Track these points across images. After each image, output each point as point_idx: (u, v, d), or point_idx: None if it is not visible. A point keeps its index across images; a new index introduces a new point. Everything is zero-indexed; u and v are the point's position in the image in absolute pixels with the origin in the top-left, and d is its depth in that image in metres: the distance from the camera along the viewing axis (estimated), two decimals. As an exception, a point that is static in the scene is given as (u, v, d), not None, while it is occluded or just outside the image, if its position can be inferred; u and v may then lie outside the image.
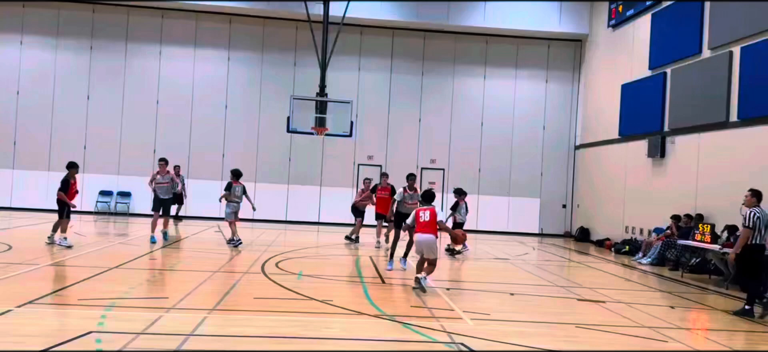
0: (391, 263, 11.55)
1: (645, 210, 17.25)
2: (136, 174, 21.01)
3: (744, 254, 8.88)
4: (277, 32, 21.95)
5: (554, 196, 22.56)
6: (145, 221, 19.52)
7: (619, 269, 14.18)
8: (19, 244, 12.57)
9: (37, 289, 7.93)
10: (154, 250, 12.75)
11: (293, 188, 21.76)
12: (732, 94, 13.90)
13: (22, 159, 21.00)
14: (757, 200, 9.02)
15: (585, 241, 20.66)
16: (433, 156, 22.33)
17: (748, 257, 8.89)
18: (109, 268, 9.93)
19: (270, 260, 11.84)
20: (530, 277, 12.13)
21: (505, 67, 22.63)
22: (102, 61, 21.42)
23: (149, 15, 21.53)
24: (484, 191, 22.17)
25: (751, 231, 8.75)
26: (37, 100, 21.13)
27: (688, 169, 15.32)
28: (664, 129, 16.61)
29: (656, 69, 17.17)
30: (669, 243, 14.46)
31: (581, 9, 21.81)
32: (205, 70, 21.80)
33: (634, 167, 18.02)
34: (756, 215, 8.79)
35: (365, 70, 22.26)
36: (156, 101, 21.55)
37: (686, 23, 15.78)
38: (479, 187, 22.16)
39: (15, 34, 21.16)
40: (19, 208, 20.48)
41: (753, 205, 8.98)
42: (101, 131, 21.26)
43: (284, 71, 21.90)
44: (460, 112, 22.48)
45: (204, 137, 21.59)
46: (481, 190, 22.14)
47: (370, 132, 21.91)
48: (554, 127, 22.69)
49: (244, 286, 9.20)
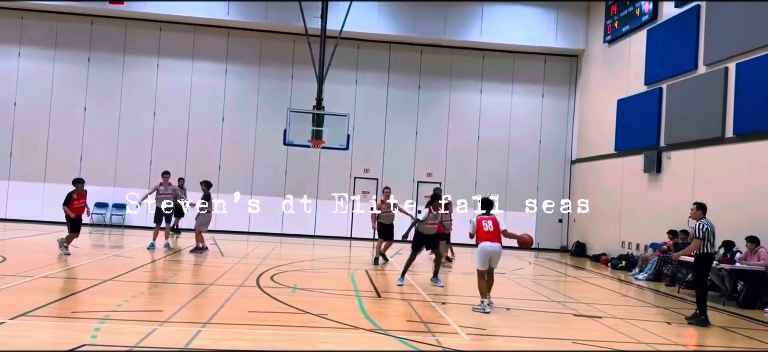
0: (402, 279, 11.48)
1: (641, 225, 17.26)
2: (131, 186, 20.94)
3: (697, 262, 9.51)
4: (274, 45, 22.02)
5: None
6: (140, 233, 19.46)
7: (616, 284, 14.15)
8: (13, 255, 12.51)
9: (31, 301, 7.88)
10: (148, 262, 12.67)
11: (289, 201, 21.71)
12: (728, 109, 13.96)
13: (17, 170, 20.94)
14: (702, 213, 9.69)
15: (581, 256, 20.64)
16: (430, 169, 22.34)
17: (701, 265, 9.51)
18: (103, 280, 9.87)
19: (265, 273, 11.80)
20: (526, 291, 12.10)
21: (501, 82, 22.72)
22: (99, 72, 21.43)
23: (147, 27, 21.58)
24: (481, 204, 22.11)
25: (700, 241, 9.38)
26: (34, 111, 21.11)
27: (684, 185, 15.35)
28: (660, 144, 16.66)
29: (652, 84, 17.25)
30: (665, 258, 14.46)
31: (577, 25, 21.94)
32: (202, 83, 21.82)
33: (631, 182, 18.05)
34: (704, 226, 9.44)
35: (362, 83, 22.32)
36: (153, 113, 21.55)
37: (682, 39, 15.88)
38: (475, 201, 22.11)
39: (13, 46, 21.17)
40: (15, 219, 20.39)
41: (699, 217, 9.65)
42: (97, 143, 21.23)
43: (281, 84, 21.94)
44: (456, 125, 22.53)
45: (200, 149, 21.57)
46: (477, 204, 22.07)
47: (367, 145, 21.92)
48: (551, 141, 22.74)
49: (238, 299, 9.15)
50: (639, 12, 18.11)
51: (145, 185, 21.06)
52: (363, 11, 20.88)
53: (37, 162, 20.71)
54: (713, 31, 14.76)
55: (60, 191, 14.80)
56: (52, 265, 11.50)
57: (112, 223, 21.07)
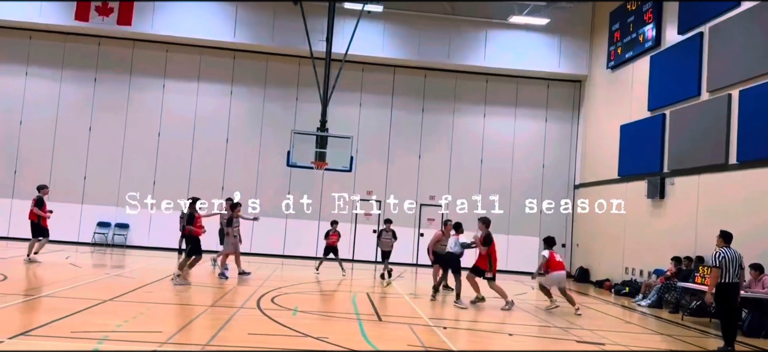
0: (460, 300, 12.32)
1: (645, 251, 17.17)
2: (134, 206, 21.02)
3: (717, 292, 9.30)
4: (279, 67, 22.17)
5: (553, 235, 22.35)
6: (142, 253, 19.46)
7: (619, 310, 14.04)
8: (15, 274, 12.49)
9: (30, 320, 7.85)
10: (149, 283, 12.64)
11: (291, 222, 21.70)
12: (731, 136, 13.94)
13: (21, 188, 20.96)
14: (724, 241, 9.50)
15: (584, 281, 20.51)
16: (433, 192, 22.33)
17: (723, 295, 9.27)
18: (103, 300, 9.84)
19: (266, 295, 11.75)
20: (529, 317, 12.00)
21: (504, 106, 22.79)
22: (105, 93, 21.58)
23: (154, 49, 21.77)
24: (484, 228, 22.07)
25: (718, 271, 9.19)
26: (40, 130, 21.22)
27: (688, 211, 15.28)
28: (664, 170, 16.63)
29: (655, 110, 17.27)
30: (669, 285, 14.35)
31: (580, 50, 22.05)
32: (207, 104, 21.95)
33: (634, 208, 17.98)
34: (721, 254, 9.25)
35: (366, 106, 22.42)
36: (157, 134, 21.65)
37: (685, 66, 15.93)
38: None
39: (21, 65, 21.36)
40: (17, 237, 20.38)
41: (720, 246, 9.47)
42: (102, 162, 21.30)
43: (286, 106, 22.05)
44: (459, 149, 22.56)
45: (204, 170, 21.62)
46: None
47: (370, 167, 21.95)
48: (554, 166, 22.73)
49: (238, 321, 9.10)
50: (642, 38, 18.19)
51: (148, 205, 21.11)
52: (368, 34, 21.04)
53: (41, 181, 20.56)
54: (716, 58, 14.81)
55: (63, 210, 14.90)
56: (53, 284, 11.48)
57: (115, 243, 21.06)
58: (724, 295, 9.28)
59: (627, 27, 19.11)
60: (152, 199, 21.24)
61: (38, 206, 14.69)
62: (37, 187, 15.34)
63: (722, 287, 9.24)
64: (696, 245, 14.70)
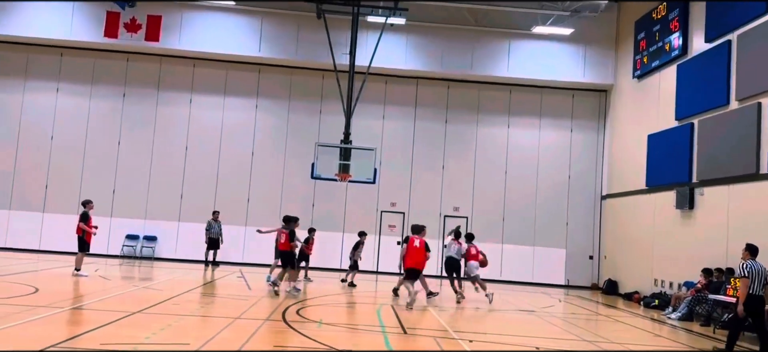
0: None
1: (674, 263, 16.85)
2: (162, 219, 21.38)
3: (750, 304, 9.31)
4: (303, 81, 22.38)
5: (581, 246, 22.21)
6: (169, 265, 19.70)
7: (648, 323, 13.78)
8: (46, 286, 12.73)
9: (60, 333, 7.99)
10: (176, 294, 12.77)
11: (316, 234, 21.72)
12: (762, 145, 13.65)
13: (52, 203, 21.44)
14: (750, 254, 9.60)
15: (613, 294, 20.19)
16: (457, 204, 22.24)
17: (755, 306, 9.34)
18: (131, 312, 9.98)
19: (291, 307, 11.79)
20: (557, 330, 11.85)
21: (528, 116, 22.65)
22: (134, 107, 22.00)
23: (181, 64, 22.15)
24: (508, 239, 21.95)
25: (748, 280, 9.25)
26: (70, 145, 21.68)
27: (718, 222, 14.98)
28: (693, 180, 16.34)
29: (683, 120, 17.01)
30: (699, 298, 14.06)
31: (606, 59, 21.84)
32: (233, 118, 22.22)
33: (663, 219, 17.69)
34: (749, 266, 9.34)
35: (389, 117, 22.47)
36: (185, 147, 21.96)
37: (713, 74, 15.68)
38: (503, 235, 21.97)
39: (52, 81, 21.89)
40: (49, 250, 20.82)
41: (747, 258, 9.56)
42: (130, 176, 21.67)
43: (310, 118, 22.22)
44: (483, 160, 22.46)
45: (230, 183, 21.86)
46: (505, 239, 21.94)
47: (394, 179, 21.97)
48: (580, 176, 22.50)
49: (264, 333, 9.15)
50: (669, 47, 17.97)
51: (175, 217, 21.44)
52: (391, 47, 21.14)
53: (71, 195, 21.14)
54: (745, 66, 14.55)
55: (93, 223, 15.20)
56: (82, 297, 11.68)
57: (143, 255, 21.37)
58: (755, 306, 9.31)
59: (653, 36, 18.90)
60: (179, 211, 21.56)
61: (83, 221, 14.99)
62: (81, 202, 15.68)
63: (753, 298, 9.28)
64: (727, 256, 14.39)
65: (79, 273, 14.64)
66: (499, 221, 22.10)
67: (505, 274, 21.49)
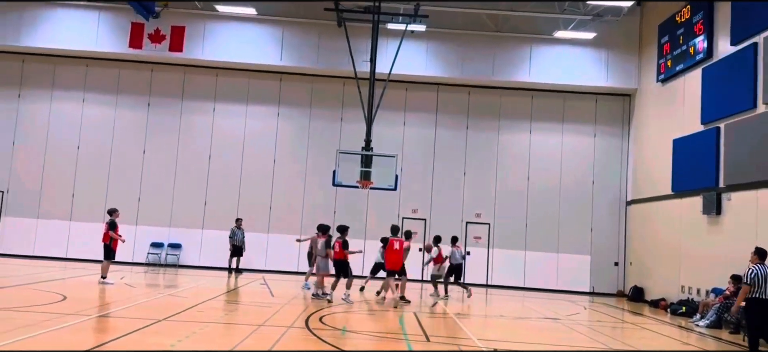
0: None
1: (702, 269, 16.55)
2: (186, 226, 21.61)
3: (757, 308, 9.34)
4: (324, 88, 22.49)
5: (605, 253, 21.93)
6: (194, 273, 19.88)
7: (676, 331, 13.56)
8: (73, 294, 12.93)
9: (87, 340, 8.11)
10: (200, 302, 12.88)
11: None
12: (791, 149, 13.38)
13: (78, 211, 21.79)
14: (758, 258, 9.55)
15: (639, 301, 19.88)
16: (478, 210, 22.13)
17: (756, 311, 9.37)
18: (157, 320, 10.08)
19: (314, 314, 11.82)
20: (582, 338, 11.71)
21: (551, 122, 22.47)
22: (158, 117, 22.29)
23: (204, 74, 22.42)
24: (532, 246, 21.76)
25: (749, 287, 9.27)
26: (96, 154, 22.03)
27: (747, 227, 14.68)
28: (720, 185, 16.06)
29: (709, 124, 16.74)
30: (728, 305, 13.77)
31: (629, 64, 21.59)
32: (255, 126, 22.41)
33: (689, 224, 17.40)
34: (753, 272, 9.32)
35: (410, 124, 22.47)
36: (208, 156, 22.19)
37: (739, 78, 15.41)
38: (526, 242, 21.78)
39: (78, 91, 22.28)
40: (76, 258, 21.14)
41: (755, 262, 9.53)
42: (155, 184, 21.95)
43: (331, 126, 22.31)
44: (505, 166, 22.33)
45: (252, 190, 22.02)
46: (529, 246, 21.75)
47: (415, 186, 21.94)
48: (604, 182, 22.24)
49: (287, 341, 9.18)
50: (693, 51, 17.71)
51: (199, 225, 21.65)
52: (411, 54, 21.15)
53: (97, 204, 21.46)
54: (773, 68, 14.27)
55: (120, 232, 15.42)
56: (109, 304, 11.83)
57: (167, 263, 21.60)
58: (749, 309, 9.46)
59: (676, 39, 18.65)
60: (203, 219, 21.78)
61: (112, 229, 15.21)
62: (108, 210, 15.89)
63: (755, 301, 9.36)
64: (756, 262, 14.09)
65: (105, 281, 14.85)
66: (522, 227, 21.93)
67: (528, 281, 21.31)
